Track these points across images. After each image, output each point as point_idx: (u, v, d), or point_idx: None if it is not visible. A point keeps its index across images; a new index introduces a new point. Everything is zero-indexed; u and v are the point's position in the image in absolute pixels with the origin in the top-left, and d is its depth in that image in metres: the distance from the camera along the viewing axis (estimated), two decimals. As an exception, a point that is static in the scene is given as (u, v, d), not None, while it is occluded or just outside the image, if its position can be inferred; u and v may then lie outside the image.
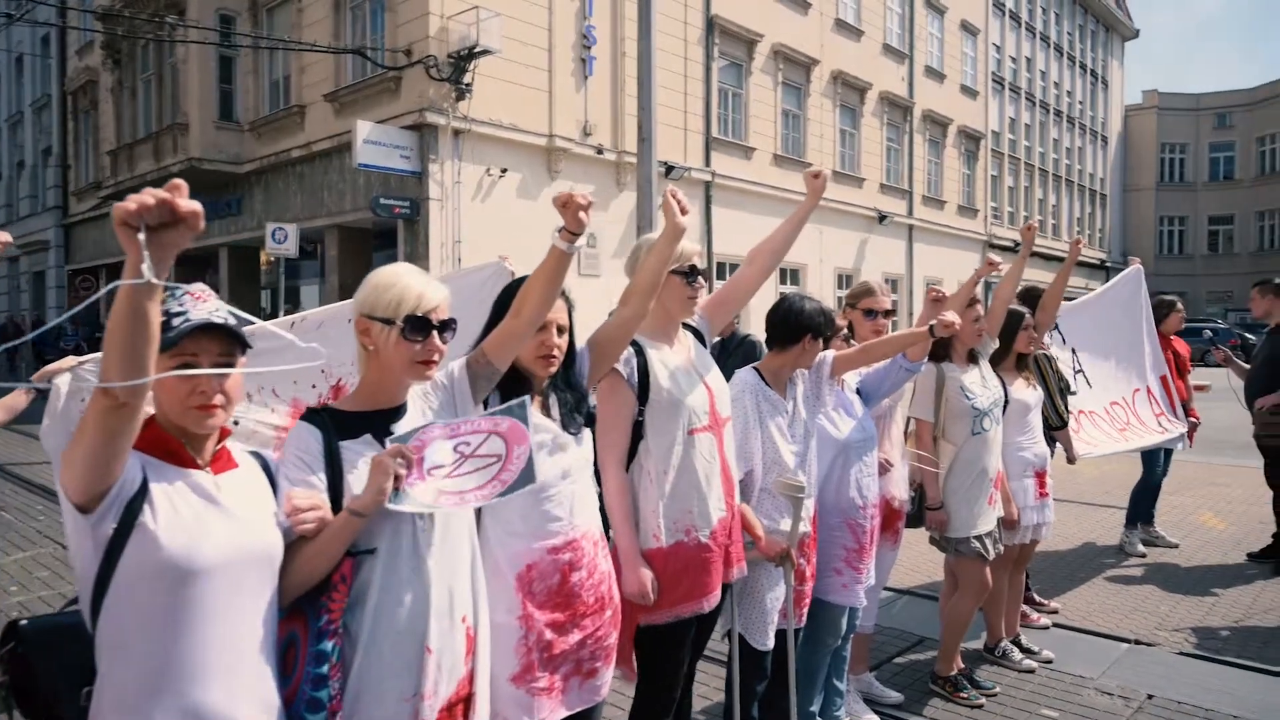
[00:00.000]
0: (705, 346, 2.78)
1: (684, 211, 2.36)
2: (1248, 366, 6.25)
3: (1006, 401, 4.06)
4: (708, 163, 19.33)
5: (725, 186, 19.62)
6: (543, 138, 15.98)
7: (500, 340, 2.02)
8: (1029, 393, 4.20)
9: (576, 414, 2.25)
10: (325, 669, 1.64)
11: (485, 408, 2.19)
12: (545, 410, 2.22)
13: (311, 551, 1.66)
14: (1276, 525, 6.05)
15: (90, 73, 23.73)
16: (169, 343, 1.48)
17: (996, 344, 4.01)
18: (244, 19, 18.49)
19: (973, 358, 3.87)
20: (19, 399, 3.54)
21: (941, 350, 3.81)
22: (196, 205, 1.26)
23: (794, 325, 2.91)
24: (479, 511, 2.12)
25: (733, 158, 20.05)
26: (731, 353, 6.18)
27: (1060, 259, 34.13)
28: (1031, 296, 4.80)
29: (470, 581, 1.89)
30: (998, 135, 31.56)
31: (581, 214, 1.93)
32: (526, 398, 1.99)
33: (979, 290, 3.74)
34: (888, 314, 3.69)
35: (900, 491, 3.66)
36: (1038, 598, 5.06)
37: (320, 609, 1.67)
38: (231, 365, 1.59)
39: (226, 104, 18.78)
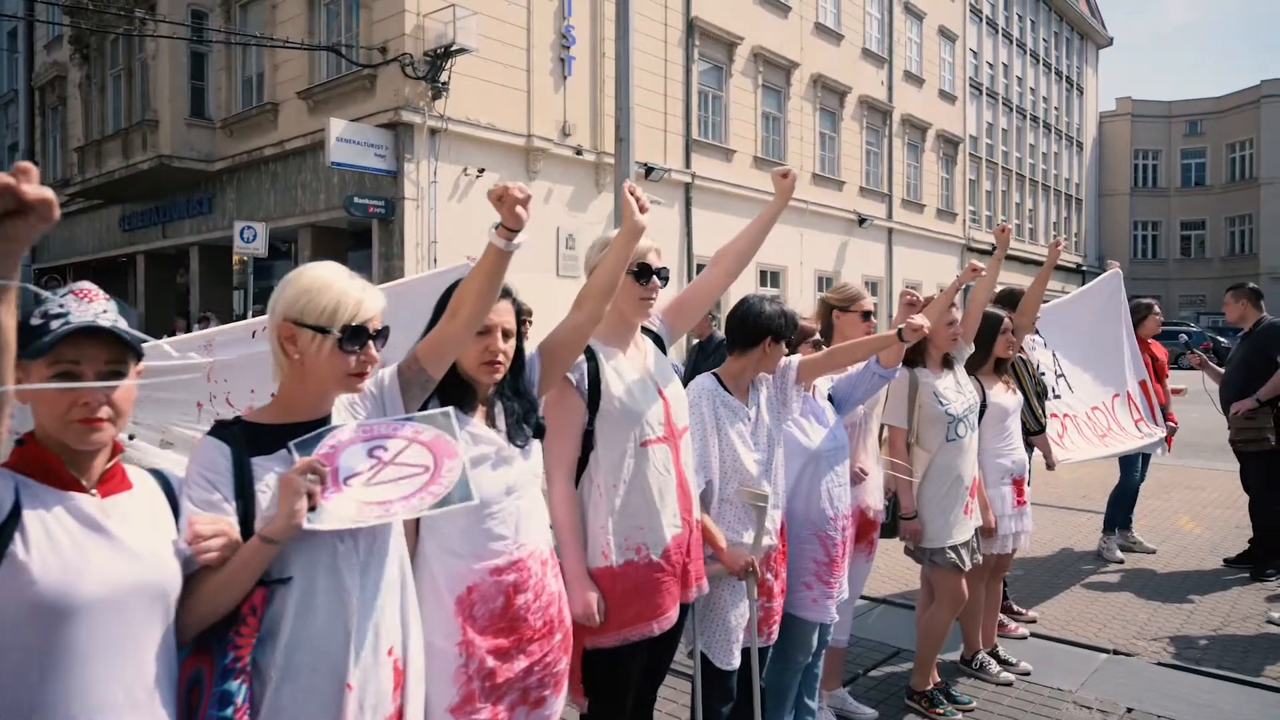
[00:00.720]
0: (665, 351, 2.65)
1: (643, 209, 2.22)
2: (1221, 370, 6.22)
3: (984, 407, 3.97)
4: (688, 164, 19.23)
5: (705, 188, 19.53)
6: (521, 138, 15.81)
7: (434, 345, 1.87)
8: (1008, 398, 4.10)
9: (524, 425, 2.10)
10: (230, 712, 1.47)
11: None
12: (490, 421, 2.07)
13: (217, 583, 1.50)
14: (1252, 530, 6.01)
15: (58, 67, 23.30)
16: (43, 349, 1.33)
17: (972, 349, 3.91)
18: (216, 14, 18.18)
19: (948, 363, 3.77)
20: None
21: (915, 355, 3.70)
22: (46, 192, 1.09)
23: (753, 327, 2.79)
24: (415, 529, 1.99)
25: (713, 160, 19.96)
26: (710, 355, 6.05)
27: (1037, 263, 34.42)
28: (1011, 299, 4.72)
29: (399, 609, 1.73)
30: (975, 140, 31.70)
31: (519, 209, 1.78)
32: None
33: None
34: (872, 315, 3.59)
35: (875, 501, 3.54)
36: (1015, 607, 4.97)
37: (227, 645, 1.51)
38: (122, 374, 1.43)
39: (198, 101, 18.45)
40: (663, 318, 2.68)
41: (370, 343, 1.69)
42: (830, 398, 3.21)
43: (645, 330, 2.61)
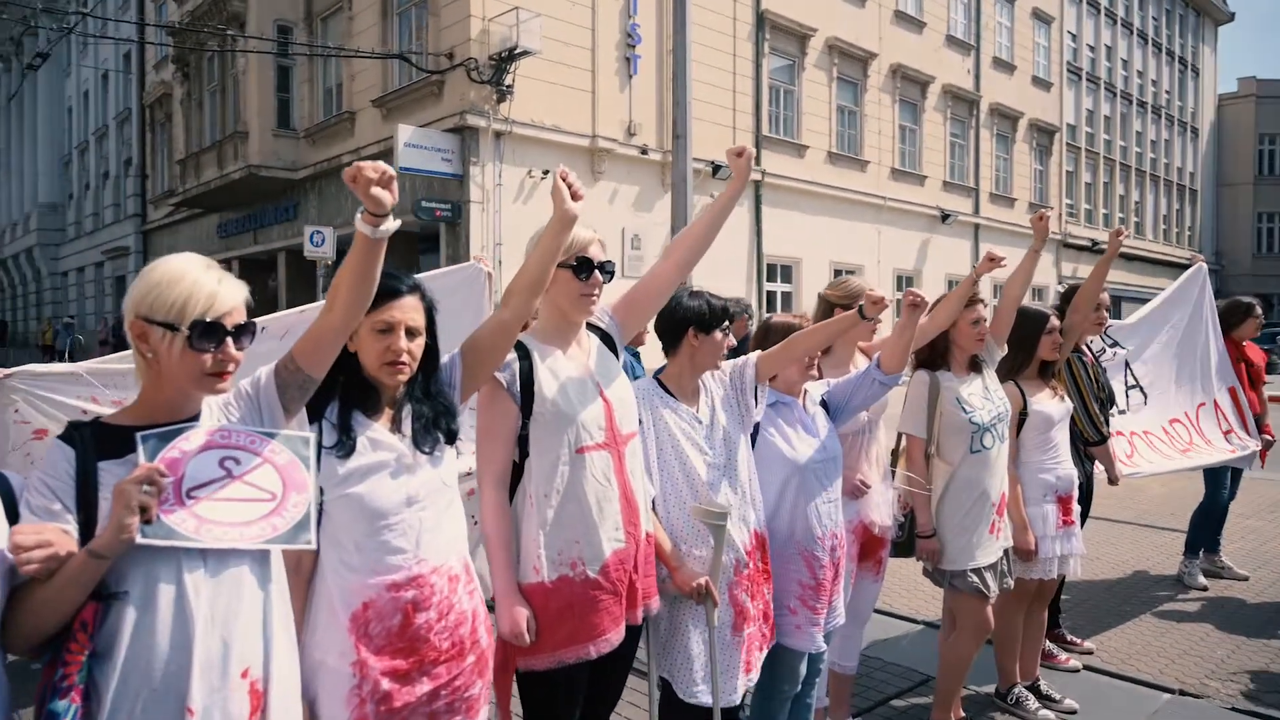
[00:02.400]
0: (617, 351, 2.45)
1: (575, 196, 2.04)
2: None
3: (1025, 416, 3.58)
4: (758, 162, 18.82)
5: (776, 186, 19.11)
6: (585, 138, 15.76)
7: (309, 341, 1.72)
8: (1053, 405, 3.68)
9: (434, 430, 1.97)
10: None
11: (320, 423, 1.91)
12: (395, 425, 1.95)
13: (42, 596, 1.43)
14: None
15: (165, 86, 24.54)
16: None
17: (1003, 350, 3.52)
18: (300, 29, 18.77)
19: (976, 366, 3.40)
20: None
21: (938, 358, 3.35)
22: None
23: (672, 322, 2.56)
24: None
25: (784, 156, 19.52)
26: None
27: (1145, 259, 32.62)
28: (1074, 295, 4.26)
29: (260, 627, 1.60)
30: (1074, 129, 30.14)
31: (376, 190, 1.58)
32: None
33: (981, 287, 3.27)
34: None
35: (880, 516, 3.22)
36: (1069, 635, 4.51)
37: (57, 661, 1.44)
38: None
39: (284, 112, 19.14)
40: (613, 314, 2.49)
41: (229, 340, 1.58)
42: (824, 404, 2.91)
43: (593, 328, 2.42)
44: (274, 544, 1.59)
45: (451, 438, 2.02)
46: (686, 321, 2.54)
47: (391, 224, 1.64)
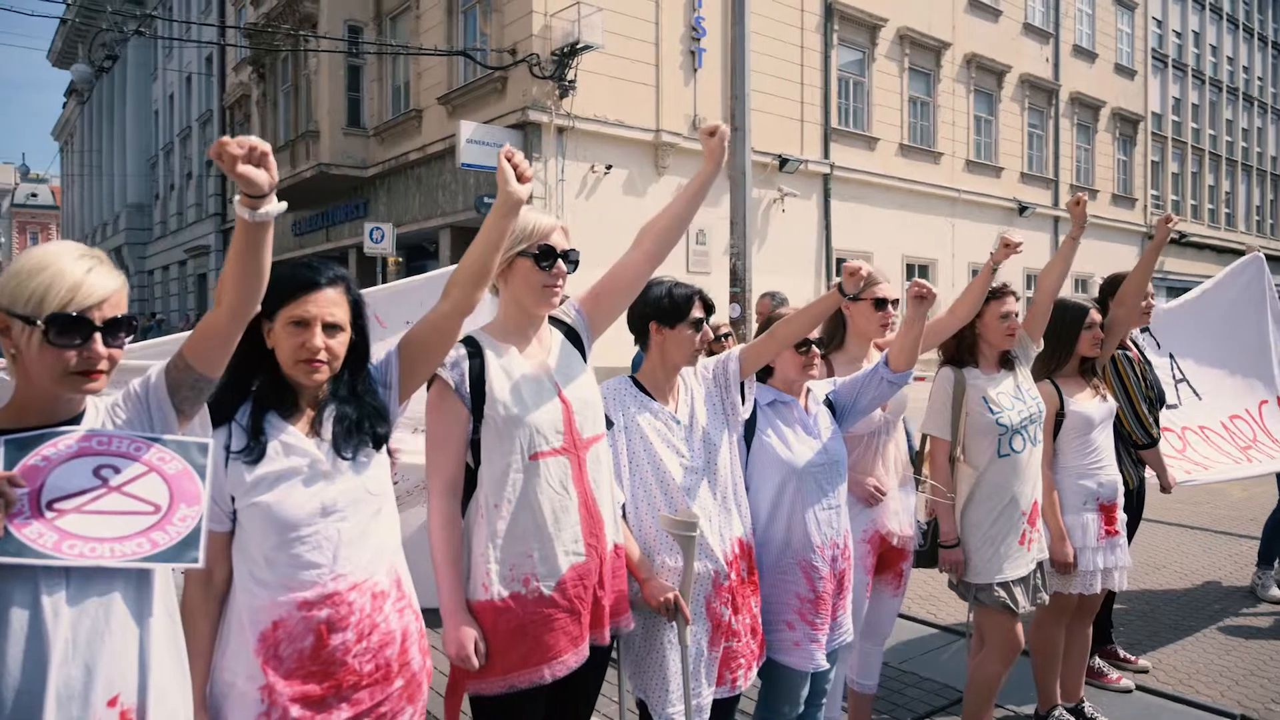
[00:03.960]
0: (585, 348, 2.28)
1: (522, 179, 1.87)
2: None
3: (1062, 417, 3.36)
4: (826, 155, 18.49)
5: (846, 179, 18.72)
6: (649, 133, 15.68)
7: (198, 338, 1.58)
8: (1094, 405, 3.44)
9: (358, 433, 1.82)
10: None
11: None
12: (314, 429, 1.80)
13: None
14: None
15: (244, 87, 25.33)
16: None
17: (1039, 346, 3.31)
18: (370, 28, 19.14)
19: (1007, 363, 3.20)
20: None
21: (966, 354, 3.16)
22: None
23: (633, 315, 2.41)
24: (225, 550, 1.75)
25: (854, 149, 19.10)
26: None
27: (1236, 251, 30.86)
28: (1113, 287, 3.99)
29: (136, 651, 1.46)
30: (1159, 117, 28.77)
31: (243, 168, 1.40)
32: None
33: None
34: (894, 302, 3.08)
35: (898, 525, 3.03)
36: (1122, 652, 4.24)
37: None
38: None
39: (354, 111, 19.54)
40: (580, 308, 2.32)
41: (97, 336, 1.43)
42: (830, 404, 2.75)
43: (557, 323, 2.27)
44: (152, 562, 1.44)
45: (379, 442, 1.86)
46: (646, 315, 2.39)
47: (274, 206, 1.46)
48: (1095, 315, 3.45)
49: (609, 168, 15.25)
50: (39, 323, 1.41)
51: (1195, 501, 7.47)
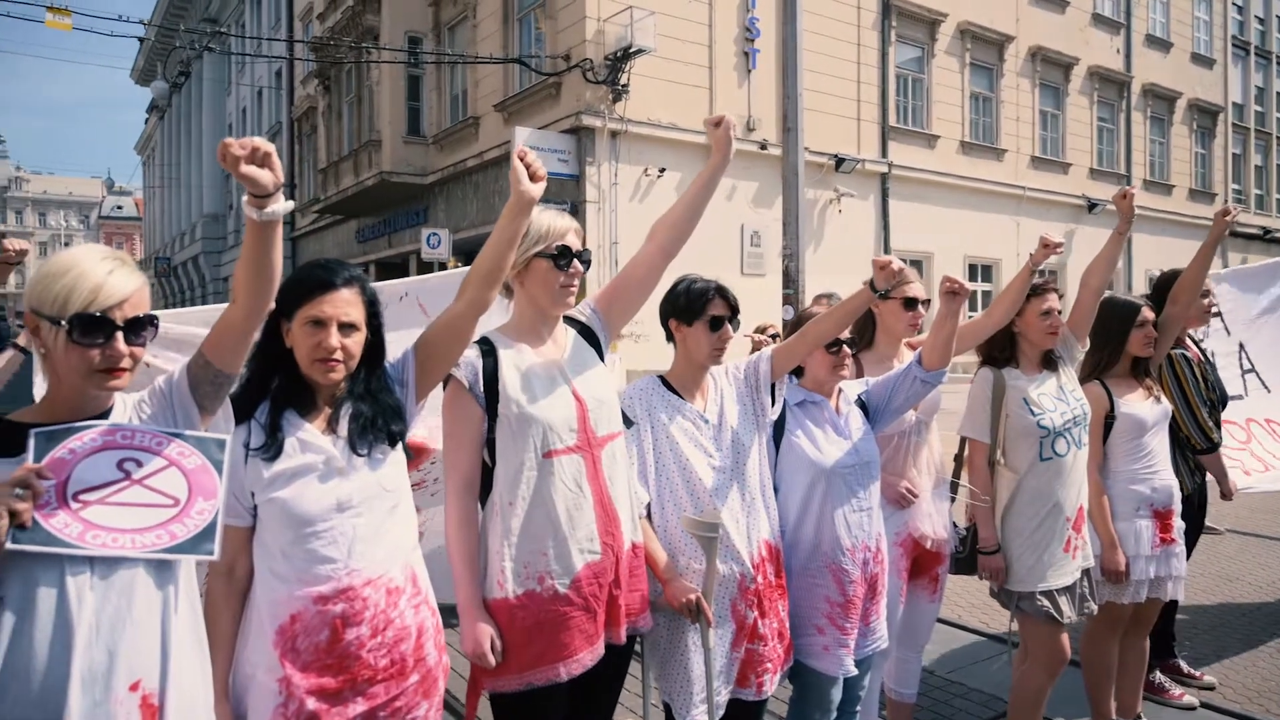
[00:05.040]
0: (601, 347, 2.28)
1: (535, 177, 1.89)
2: None
3: (1112, 419, 3.22)
4: (884, 153, 18.17)
5: (904, 178, 18.37)
6: (703, 135, 15.50)
7: (217, 337, 1.62)
8: (1146, 407, 3.28)
9: (373, 430, 1.85)
10: None
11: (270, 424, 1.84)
12: (330, 426, 1.84)
13: None
14: None
15: (310, 99, 26.05)
16: None
17: (1084, 346, 3.18)
18: (429, 39, 19.51)
19: (1050, 363, 3.08)
20: (9, 359, 3.71)
21: (1006, 354, 3.05)
22: None
23: (661, 313, 2.41)
24: (246, 543, 1.80)
25: (913, 147, 18.74)
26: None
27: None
28: (1167, 284, 3.81)
29: (158, 637, 1.51)
30: (1240, 108, 27.55)
31: (246, 168, 1.43)
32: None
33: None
34: (925, 302, 2.99)
35: (931, 528, 2.94)
36: (1186, 667, 4.03)
37: None
38: None
39: (414, 120, 19.93)
40: (595, 306, 2.32)
41: (118, 335, 1.48)
42: (862, 405, 2.68)
43: (571, 322, 2.27)
44: (170, 554, 1.49)
45: (395, 439, 1.89)
46: (665, 312, 2.39)
47: (280, 205, 1.49)
48: (1147, 313, 3.30)
49: (662, 171, 15.24)
50: (64, 322, 1.47)
51: (1275, 511, 7.11)
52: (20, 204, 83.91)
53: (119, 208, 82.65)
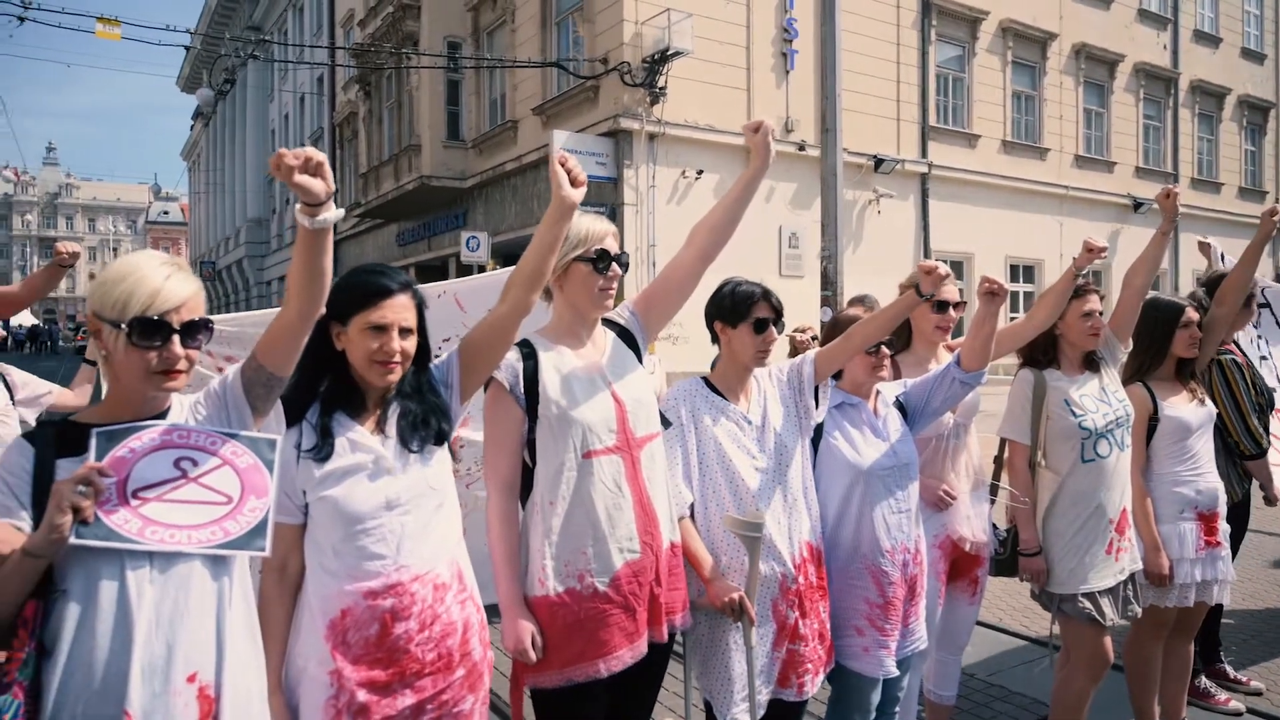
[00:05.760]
0: (639, 349, 2.31)
1: (576, 183, 1.94)
2: None
3: (1155, 421, 3.19)
4: (924, 154, 18.00)
5: (944, 178, 18.17)
6: (740, 137, 15.49)
7: (269, 340, 1.68)
8: (1191, 410, 3.24)
9: (422, 429, 1.90)
10: None
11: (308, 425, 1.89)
12: (379, 427, 1.90)
13: None
14: None
15: (351, 105, 26.46)
16: None
17: (1127, 347, 3.15)
18: (468, 44, 19.72)
19: (1092, 364, 3.06)
20: (88, 376, 3.87)
21: (1047, 355, 3.04)
22: None
23: (706, 314, 2.44)
24: (298, 540, 1.85)
25: (953, 147, 18.53)
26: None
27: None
28: (1214, 286, 3.75)
29: (213, 631, 1.57)
30: (1294, 103, 26.83)
31: (300, 178, 1.48)
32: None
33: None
34: (958, 305, 2.99)
35: (970, 530, 2.93)
36: (1232, 672, 3.97)
37: (7, 658, 1.45)
38: None
39: (453, 124, 20.16)
40: (633, 309, 2.36)
41: (175, 338, 1.54)
42: (901, 406, 2.69)
43: (610, 324, 2.31)
44: (224, 549, 1.55)
45: (442, 438, 1.94)
46: (710, 314, 2.42)
47: (331, 213, 1.54)
48: (1192, 314, 3.27)
49: (700, 173, 15.26)
50: (123, 326, 1.53)
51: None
52: (70, 210, 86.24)
53: (165, 213, 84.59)
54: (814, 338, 5.00)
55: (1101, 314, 3.00)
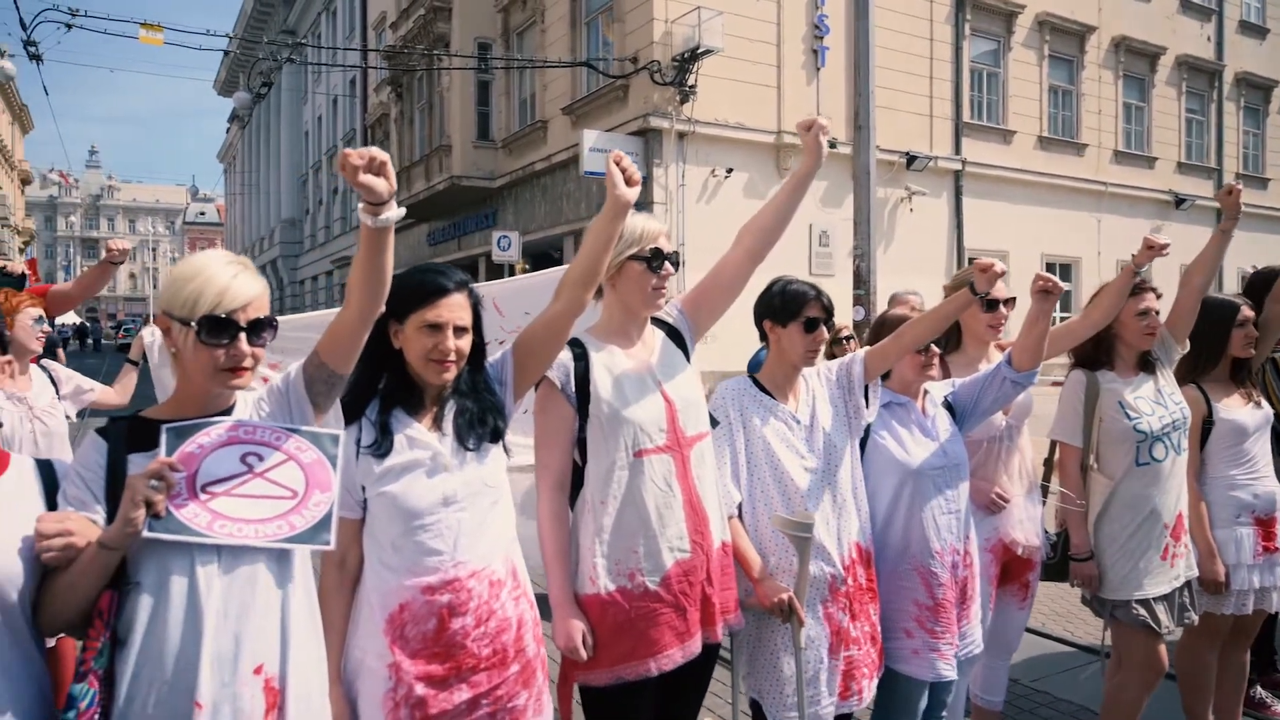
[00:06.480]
0: (688, 349, 2.29)
1: (630, 182, 1.92)
2: None
3: (1210, 424, 3.08)
4: (958, 150, 17.76)
5: (978, 175, 17.92)
6: (770, 135, 15.50)
7: (331, 338, 1.69)
8: (1246, 412, 3.13)
9: (478, 426, 1.91)
10: (72, 715, 1.44)
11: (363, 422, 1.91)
12: (436, 424, 1.91)
13: (61, 583, 1.50)
14: None
15: (383, 106, 26.71)
16: None
17: (1183, 348, 3.04)
18: (498, 44, 19.79)
19: (1147, 365, 2.95)
20: (130, 378, 3.94)
21: (1101, 355, 2.95)
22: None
23: (755, 313, 2.42)
24: (357, 535, 1.87)
25: (988, 143, 18.27)
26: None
27: None
28: (1267, 280, 3.61)
29: (279, 625, 1.60)
30: (1343, 96, 26.13)
31: (364, 177, 1.49)
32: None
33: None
34: (1009, 303, 2.91)
35: (1023, 535, 2.85)
36: (1289, 681, 3.85)
37: (81, 647, 1.49)
38: None
39: (484, 124, 20.26)
40: (682, 308, 2.35)
41: (241, 335, 1.57)
42: (949, 406, 2.62)
43: (659, 323, 2.30)
44: (290, 543, 1.58)
45: (497, 436, 1.96)
46: (761, 312, 2.40)
47: (393, 212, 1.55)
48: (1247, 312, 3.15)
49: (729, 171, 15.18)
50: (192, 324, 1.56)
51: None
52: (112, 211, 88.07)
53: (202, 214, 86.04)
54: (848, 337, 4.92)
55: (1158, 313, 2.90)
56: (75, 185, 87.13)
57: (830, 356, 2.53)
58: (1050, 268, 19.29)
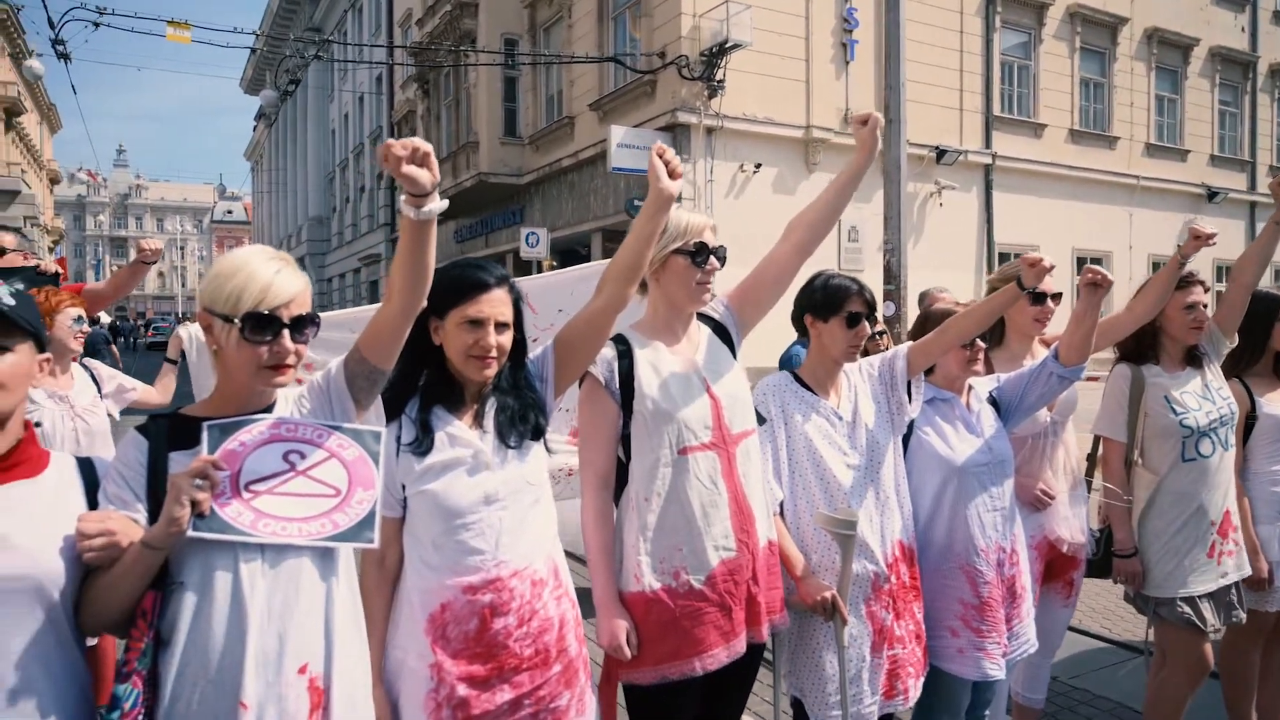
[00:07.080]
0: (734, 345, 2.27)
1: (674, 175, 1.89)
2: None
3: (1253, 419, 3.05)
4: (988, 144, 17.60)
5: (1009, 169, 17.75)
6: (799, 129, 15.43)
7: (373, 333, 1.67)
8: (1293, 408, 3.11)
9: (519, 424, 1.88)
10: (116, 715, 1.43)
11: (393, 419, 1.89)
12: (477, 421, 1.88)
13: (104, 583, 1.47)
14: None
15: (410, 103, 26.83)
16: None
17: (1232, 342, 3.02)
18: (525, 40, 19.83)
19: (1193, 360, 2.93)
20: (170, 377, 3.98)
21: (1146, 349, 2.93)
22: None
23: (795, 307, 2.39)
24: (397, 533, 1.86)
25: (1018, 137, 18.08)
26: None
27: None
28: None
29: (322, 623, 1.57)
30: (1383, 86, 25.61)
31: (408, 169, 1.45)
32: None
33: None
34: (1055, 297, 2.89)
35: (1069, 532, 2.84)
36: (1334, 680, 3.80)
37: (125, 647, 1.48)
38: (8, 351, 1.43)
39: (510, 121, 20.30)
40: (728, 303, 2.32)
41: (285, 332, 1.54)
42: (994, 402, 2.62)
43: (705, 319, 2.27)
44: (333, 541, 1.55)
45: (539, 434, 1.93)
46: (801, 307, 2.37)
47: (436, 204, 1.51)
48: None
49: (758, 166, 15.13)
50: (235, 320, 1.53)
51: None
52: (140, 210, 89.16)
53: (229, 212, 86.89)
54: (881, 332, 4.90)
55: (1205, 306, 2.88)
56: (103, 184, 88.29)
57: (864, 353, 2.51)
58: (1081, 262, 19.06)
